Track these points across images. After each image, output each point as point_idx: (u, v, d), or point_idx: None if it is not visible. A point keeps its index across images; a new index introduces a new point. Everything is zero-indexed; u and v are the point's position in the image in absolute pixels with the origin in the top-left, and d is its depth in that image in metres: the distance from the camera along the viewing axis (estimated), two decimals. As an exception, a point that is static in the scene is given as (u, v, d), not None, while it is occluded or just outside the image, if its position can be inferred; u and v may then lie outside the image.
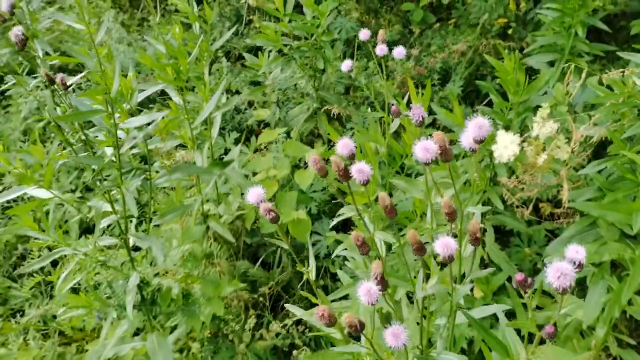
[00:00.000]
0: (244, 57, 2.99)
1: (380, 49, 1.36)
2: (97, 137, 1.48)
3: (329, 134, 3.02)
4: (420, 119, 1.02)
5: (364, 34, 1.60)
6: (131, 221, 1.85)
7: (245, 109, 3.29)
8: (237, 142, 2.98)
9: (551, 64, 2.58)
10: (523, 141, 1.73)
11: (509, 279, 2.00)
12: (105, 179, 1.66)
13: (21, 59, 1.68)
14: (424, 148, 0.95)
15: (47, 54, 1.45)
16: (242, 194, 2.24)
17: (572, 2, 2.28)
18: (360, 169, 1.00)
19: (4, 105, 3.08)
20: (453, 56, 3.28)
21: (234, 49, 3.80)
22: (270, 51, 2.94)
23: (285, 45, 2.76)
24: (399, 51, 1.41)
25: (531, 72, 3.10)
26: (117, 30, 3.67)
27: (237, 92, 3.38)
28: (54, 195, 1.53)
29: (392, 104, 1.21)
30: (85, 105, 1.36)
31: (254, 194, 1.13)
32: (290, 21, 2.72)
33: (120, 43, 3.64)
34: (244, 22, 3.79)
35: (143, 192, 2.30)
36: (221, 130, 3.20)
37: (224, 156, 2.91)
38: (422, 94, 1.39)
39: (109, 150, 1.44)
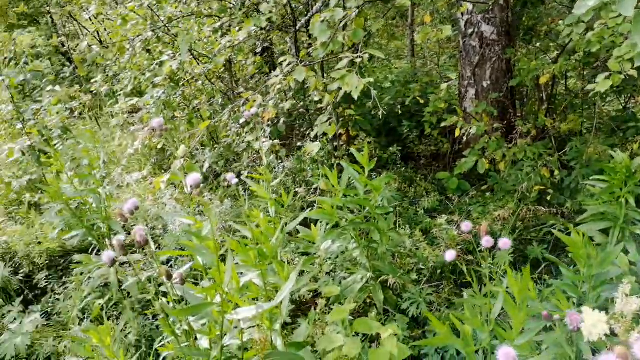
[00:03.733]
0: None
1: (487, 241, 1.42)
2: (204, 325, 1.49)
3: (383, 304, 3.02)
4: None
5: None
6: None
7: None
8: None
9: (604, 231, 2.64)
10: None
11: None
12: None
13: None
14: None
15: (158, 247, 1.53)
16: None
17: (620, 174, 2.41)
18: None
19: (63, 282, 3.15)
20: (496, 222, 3.37)
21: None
22: (323, 223, 3.06)
23: (340, 219, 2.88)
24: (505, 242, 1.46)
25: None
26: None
27: (288, 262, 3.44)
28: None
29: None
30: (192, 297, 1.40)
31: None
32: (345, 196, 2.87)
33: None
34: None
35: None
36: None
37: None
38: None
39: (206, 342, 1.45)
